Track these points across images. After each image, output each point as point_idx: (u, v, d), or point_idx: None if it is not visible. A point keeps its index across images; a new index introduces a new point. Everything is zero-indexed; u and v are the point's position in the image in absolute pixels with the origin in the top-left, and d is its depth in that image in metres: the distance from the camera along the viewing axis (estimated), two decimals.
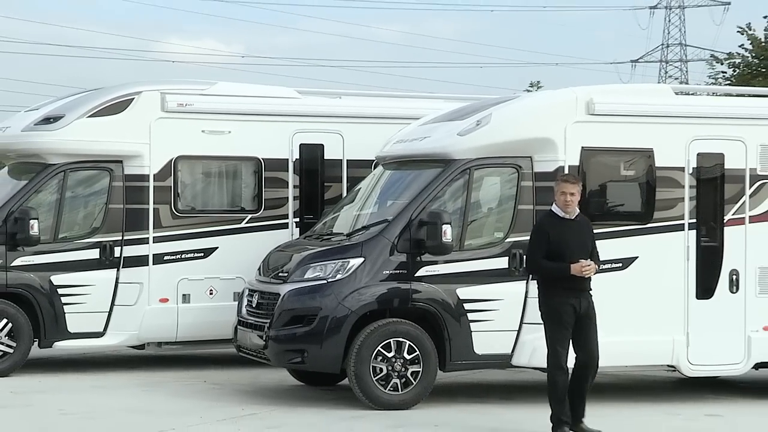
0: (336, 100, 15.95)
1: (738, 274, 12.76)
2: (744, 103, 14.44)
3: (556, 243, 10.22)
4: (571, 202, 10.28)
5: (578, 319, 10.20)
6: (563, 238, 10.23)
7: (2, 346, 13.92)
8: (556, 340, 10.24)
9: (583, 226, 10.42)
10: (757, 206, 13.00)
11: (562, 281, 10.18)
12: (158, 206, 14.53)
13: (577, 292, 10.19)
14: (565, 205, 10.27)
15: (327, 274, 12.12)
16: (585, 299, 10.25)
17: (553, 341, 10.27)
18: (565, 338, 10.23)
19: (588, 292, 10.29)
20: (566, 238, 10.23)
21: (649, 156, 12.61)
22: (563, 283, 10.19)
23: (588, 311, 10.27)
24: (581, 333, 10.25)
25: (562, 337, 10.23)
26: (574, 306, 10.17)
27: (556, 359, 10.24)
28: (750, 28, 32.41)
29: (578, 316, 10.20)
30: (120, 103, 14.52)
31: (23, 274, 14.07)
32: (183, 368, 14.88)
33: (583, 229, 10.40)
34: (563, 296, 10.20)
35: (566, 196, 10.25)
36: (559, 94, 13.20)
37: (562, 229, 10.28)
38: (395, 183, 13.17)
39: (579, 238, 10.30)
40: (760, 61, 31.99)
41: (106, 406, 12.13)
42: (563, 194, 10.27)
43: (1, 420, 11.33)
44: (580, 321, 10.21)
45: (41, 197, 14.33)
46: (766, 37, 32.13)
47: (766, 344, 12.88)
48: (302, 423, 11.33)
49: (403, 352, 12.00)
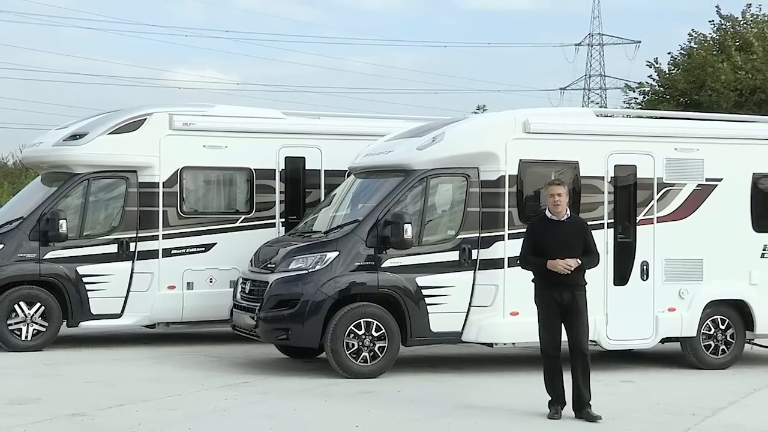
0: (315, 120, 15.89)
1: (648, 265, 12.79)
2: (652, 123, 14.48)
3: (540, 242, 9.74)
4: (560, 203, 9.70)
5: (564, 310, 9.68)
6: (547, 238, 9.69)
7: (36, 326, 13.84)
8: (541, 327, 9.80)
9: (571, 227, 9.79)
10: (663, 209, 13.03)
11: (545, 275, 9.66)
12: (167, 209, 14.44)
13: (558, 285, 9.63)
14: (555, 205, 9.71)
15: (308, 265, 12.07)
16: (567, 292, 9.63)
17: (540, 327, 9.83)
18: (549, 326, 9.73)
19: (572, 286, 9.65)
20: (549, 238, 9.67)
21: (575, 167, 12.62)
22: (545, 277, 9.68)
23: (571, 304, 9.65)
24: (567, 324, 9.72)
25: (546, 324, 9.74)
26: (556, 298, 9.64)
27: (542, 344, 9.86)
28: (657, 62, 32.73)
29: (564, 308, 9.67)
30: (135, 122, 14.43)
31: (54, 266, 13.95)
32: (187, 344, 14.80)
33: (570, 230, 9.75)
34: (545, 289, 9.72)
35: (555, 197, 9.71)
36: (501, 115, 13.19)
37: (548, 230, 9.74)
38: (365, 189, 13.13)
39: (563, 238, 9.65)
40: (665, 89, 32.22)
41: (123, 375, 12.06)
42: (552, 196, 9.74)
43: (36, 387, 11.24)
44: (565, 313, 9.69)
45: (68, 201, 14.21)
46: (669, 69, 32.36)
47: (670, 323, 12.93)
48: (287, 389, 11.28)
49: (371, 330, 11.97)
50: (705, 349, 13.22)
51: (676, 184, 13.08)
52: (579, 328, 9.70)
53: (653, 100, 32.00)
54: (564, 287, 9.65)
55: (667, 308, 12.93)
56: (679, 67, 32.07)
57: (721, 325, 13.23)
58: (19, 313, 13.78)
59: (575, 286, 9.70)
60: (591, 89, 74.57)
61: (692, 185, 13.15)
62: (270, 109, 15.67)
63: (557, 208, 9.72)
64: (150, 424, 9.25)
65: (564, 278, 9.60)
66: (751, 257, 13.33)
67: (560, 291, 9.65)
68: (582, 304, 9.74)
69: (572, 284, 9.68)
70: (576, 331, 9.70)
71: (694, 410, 10.39)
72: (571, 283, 9.66)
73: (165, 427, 9.20)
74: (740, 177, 13.36)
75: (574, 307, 9.68)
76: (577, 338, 9.70)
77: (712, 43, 31.99)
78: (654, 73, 32.61)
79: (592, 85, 75.09)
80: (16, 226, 14.05)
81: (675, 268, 12.95)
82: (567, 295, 9.66)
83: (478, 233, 12.32)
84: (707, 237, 13.07)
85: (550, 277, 9.64)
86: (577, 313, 9.69)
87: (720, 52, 31.07)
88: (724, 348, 13.29)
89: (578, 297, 9.71)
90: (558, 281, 9.63)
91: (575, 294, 9.69)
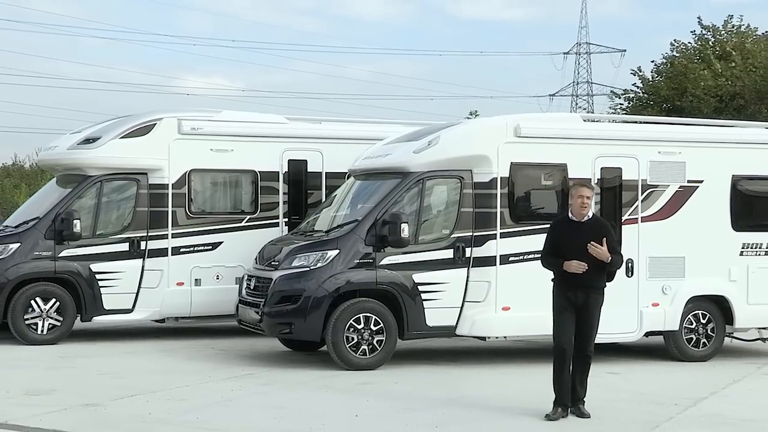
0: (317, 125, 15.86)
1: (633, 263, 12.78)
2: (637, 128, 14.48)
3: (558, 243, 9.26)
4: (587, 205, 9.20)
5: (577, 310, 9.19)
6: (565, 239, 9.20)
7: (51, 320, 13.81)
8: (554, 324, 9.29)
9: (592, 228, 9.21)
10: (647, 209, 13.03)
11: (562, 276, 9.19)
12: (175, 209, 14.41)
13: (573, 286, 9.13)
14: (582, 207, 9.20)
15: (310, 262, 12.06)
16: (582, 293, 9.13)
17: (554, 325, 9.31)
18: (561, 324, 9.21)
19: (588, 287, 9.15)
20: (568, 239, 9.17)
21: (564, 169, 12.61)
22: (562, 278, 9.19)
23: (585, 305, 9.15)
24: (577, 324, 9.19)
25: (559, 321, 9.24)
26: (569, 298, 9.14)
27: (554, 342, 9.33)
28: (640, 70, 32.69)
29: (577, 308, 9.19)
30: (145, 127, 14.41)
31: (68, 263, 13.93)
32: (195, 338, 14.79)
33: (590, 231, 9.15)
34: (561, 288, 9.22)
35: (583, 199, 9.18)
36: (493, 120, 13.16)
37: (567, 230, 9.25)
38: (364, 190, 13.11)
39: (582, 239, 9.07)
40: (649, 96, 32.20)
41: (134, 368, 12.04)
42: (580, 197, 9.20)
43: (51, 378, 11.24)
44: (578, 313, 9.19)
45: (82, 202, 14.19)
46: (653, 77, 32.35)
47: (654, 317, 12.93)
48: (290, 380, 11.27)
49: (370, 324, 11.96)
50: (687, 342, 13.22)
51: (659, 186, 13.08)
52: (588, 329, 9.25)
53: (637, 106, 31.98)
54: (579, 288, 9.16)
55: (651, 303, 12.92)
56: (662, 74, 32.05)
57: (702, 320, 13.24)
58: (35, 309, 13.76)
59: (591, 288, 9.21)
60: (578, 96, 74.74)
61: (675, 187, 13.14)
62: (274, 115, 15.64)
63: (583, 210, 9.22)
64: (160, 414, 9.24)
65: (581, 279, 9.11)
66: (730, 255, 13.33)
67: (575, 291, 9.17)
68: (595, 306, 9.25)
69: (588, 285, 9.17)
70: (584, 332, 9.23)
71: (677, 400, 10.38)
72: (587, 284, 9.16)
73: (174, 416, 9.18)
74: (720, 179, 13.36)
75: (587, 309, 9.19)
76: (584, 339, 9.24)
77: (694, 52, 32.00)
78: (638, 80, 32.59)
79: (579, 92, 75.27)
80: (32, 226, 14.04)
81: (658, 265, 12.94)
82: (581, 296, 9.17)
83: (471, 232, 12.30)
84: (689, 236, 13.07)
85: (566, 278, 9.16)
86: (589, 315, 9.22)
87: (701, 61, 31.09)
88: (705, 341, 13.29)
89: (592, 299, 9.22)
90: (574, 282, 9.13)
91: (590, 295, 9.19)
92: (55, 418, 8.94)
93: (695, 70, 30.13)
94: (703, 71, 29.89)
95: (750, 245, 13.43)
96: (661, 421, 9.34)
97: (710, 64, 30.29)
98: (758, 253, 13.45)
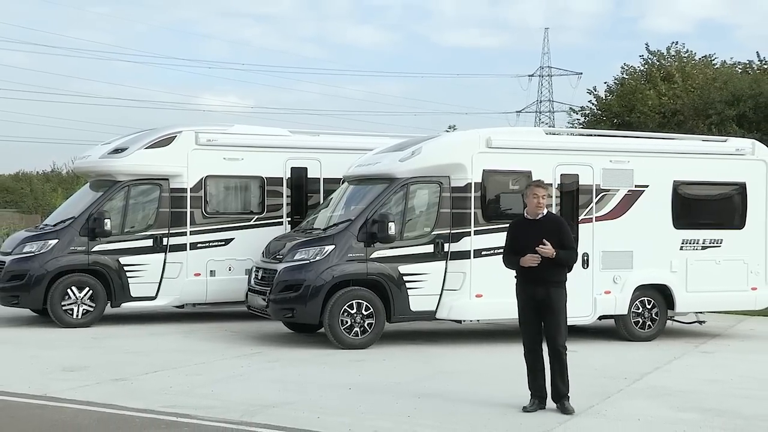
0: (316, 137, 15.83)
1: (588, 256, 12.82)
2: (592, 140, 14.51)
3: (516, 241, 8.31)
4: (542, 204, 8.29)
5: (540, 307, 8.17)
6: (521, 236, 8.25)
7: (85, 306, 13.81)
8: (520, 323, 8.41)
9: (546, 225, 8.24)
10: (600, 210, 13.07)
11: (521, 272, 8.26)
12: (193, 210, 14.39)
13: (531, 280, 8.16)
14: (537, 206, 8.27)
15: (310, 256, 12.06)
16: (542, 288, 8.12)
17: (519, 323, 8.44)
18: (526, 321, 8.30)
19: (546, 282, 8.12)
20: (524, 237, 8.20)
21: (529, 176, 12.60)
22: (521, 274, 8.27)
23: (545, 299, 8.12)
24: (544, 320, 8.19)
25: (524, 320, 8.34)
26: (530, 293, 8.18)
27: (523, 338, 8.39)
28: (595, 90, 32.84)
29: (539, 304, 8.17)
30: (167, 138, 14.39)
31: (100, 257, 13.90)
32: (210, 321, 14.76)
33: (544, 227, 8.19)
34: (521, 285, 8.28)
35: (538, 198, 8.27)
36: (468, 133, 13.19)
37: (523, 229, 8.31)
38: (356, 194, 13.12)
39: (538, 236, 8.09)
40: (602, 112, 32.28)
41: (157, 347, 12.02)
42: (535, 196, 8.28)
43: (85, 357, 11.20)
44: (541, 309, 8.18)
45: (112, 204, 14.16)
46: (606, 96, 32.44)
47: (606, 303, 12.98)
48: (293, 358, 11.26)
49: (362, 309, 11.98)
50: (634, 324, 13.28)
51: (611, 190, 13.12)
52: (553, 325, 8.13)
53: (592, 121, 32.08)
54: (539, 283, 8.13)
55: (603, 291, 12.97)
56: (613, 94, 32.16)
57: (647, 305, 13.32)
58: (71, 296, 13.75)
59: (550, 282, 8.14)
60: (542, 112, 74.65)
61: (624, 190, 13.19)
62: (278, 128, 15.64)
63: (539, 208, 8.28)
64: (180, 387, 9.23)
65: (538, 274, 8.10)
66: (671, 250, 13.39)
67: (534, 286, 8.15)
68: (557, 300, 8.15)
69: (547, 280, 8.12)
70: (550, 327, 8.16)
71: (626, 374, 10.42)
72: (545, 278, 8.12)
73: (192, 389, 9.17)
74: (663, 184, 13.41)
75: (549, 304, 8.13)
76: (552, 335, 8.15)
77: (641, 74, 32.11)
78: (593, 99, 32.72)
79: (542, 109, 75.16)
80: (68, 224, 14.02)
81: (610, 258, 12.98)
82: (541, 291, 8.12)
83: (449, 230, 12.32)
84: (636, 233, 13.12)
85: (525, 273, 8.20)
86: (552, 310, 8.13)
87: (647, 82, 31.19)
88: (650, 324, 13.35)
89: (553, 293, 8.13)
90: (533, 277, 8.14)
91: (550, 290, 8.13)
92: (88, 391, 8.92)
93: (642, 90, 30.32)
94: (649, 91, 30.08)
95: (688, 241, 13.50)
96: (612, 393, 9.37)
97: (655, 84, 30.46)
98: (695, 248, 13.51)
